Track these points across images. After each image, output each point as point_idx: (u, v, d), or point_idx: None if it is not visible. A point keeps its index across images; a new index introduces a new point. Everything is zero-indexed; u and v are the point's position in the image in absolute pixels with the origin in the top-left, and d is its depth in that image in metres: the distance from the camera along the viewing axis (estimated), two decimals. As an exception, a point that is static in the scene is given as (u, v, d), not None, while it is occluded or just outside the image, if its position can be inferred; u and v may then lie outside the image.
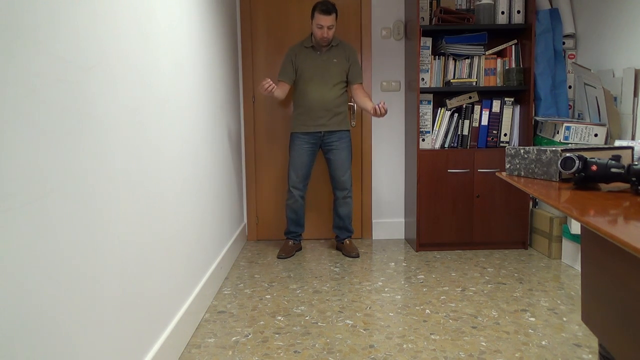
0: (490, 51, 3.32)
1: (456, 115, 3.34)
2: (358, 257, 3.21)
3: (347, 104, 3.21)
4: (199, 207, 2.31)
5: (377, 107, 2.83)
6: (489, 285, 2.63)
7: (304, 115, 3.12)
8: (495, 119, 3.32)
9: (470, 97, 3.38)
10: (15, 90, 0.94)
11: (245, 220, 3.71)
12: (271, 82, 2.82)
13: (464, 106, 3.33)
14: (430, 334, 2.05)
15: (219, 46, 2.88)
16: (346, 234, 3.31)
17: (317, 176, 3.65)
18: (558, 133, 2.94)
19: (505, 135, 3.33)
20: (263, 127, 3.63)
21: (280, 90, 3.08)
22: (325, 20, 2.92)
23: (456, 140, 3.37)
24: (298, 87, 3.14)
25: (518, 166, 1.52)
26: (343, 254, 3.28)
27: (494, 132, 3.33)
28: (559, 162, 1.30)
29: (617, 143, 1.61)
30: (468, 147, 3.33)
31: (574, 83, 3.24)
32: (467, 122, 3.33)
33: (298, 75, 3.11)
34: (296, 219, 3.27)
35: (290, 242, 3.31)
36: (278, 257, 3.21)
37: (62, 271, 1.09)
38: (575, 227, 2.89)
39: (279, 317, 2.25)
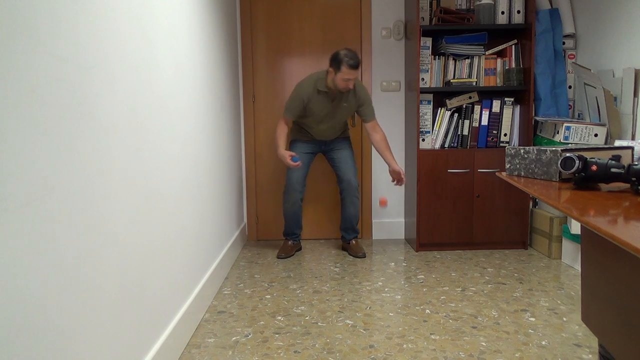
0: (490, 51, 3.32)
1: (456, 115, 3.34)
2: (364, 257, 3.21)
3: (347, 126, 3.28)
4: (199, 207, 2.31)
5: (396, 178, 3.03)
6: (489, 285, 2.63)
7: (306, 137, 3.20)
8: (495, 119, 3.32)
9: (470, 97, 3.38)
10: (15, 90, 0.94)
11: (245, 220, 3.71)
12: (297, 162, 2.95)
13: (464, 106, 3.33)
14: (430, 334, 2.05)
15: (219, 46, 2.88)
16: (353, 235, 3.31)
17: (317, 176, 3.65)
18: (558, 133, 2.94)
19: (505, 135, 3.33)
20: (263, 127, 3.63)
21: (286, 127, 3.07)
22: (353, 74, 2.84)
23: (456, 140, 3.37)
24: (304, 120, 3.11)
25: (518, 166, 1.52)
26: (349, 254, 3.28)
27: (494, 132, 3.33)
28: (559, 162, 1.30)
29: (617, 143, 1.61)
30: (468, 147, 3.33)
31: (574, 83, 3.24)
32: (467, 122, 3.33)
33: (307, 113, 3.05)
34: (294, 220, 3.27)
35: (290, 242, 3.31)
36: (278, 257, 3.21)
37: (61, 271, 1.09)
38: (575, 227, 2.89)
39: (279, 317, 2.25)
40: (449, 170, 3.25)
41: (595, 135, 2.83)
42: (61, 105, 1.10)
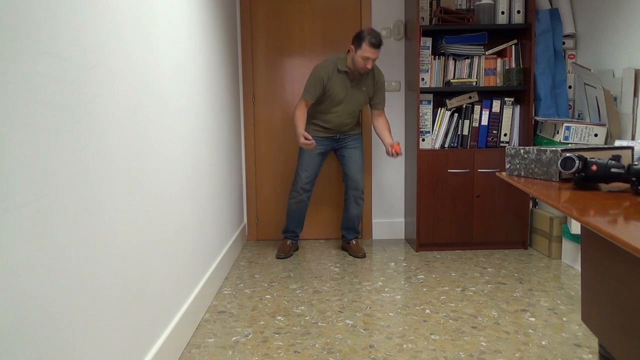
0: (490, 51, 3.32)
1: (456, 115, 3.34)
2: (365, 257, 3.21)
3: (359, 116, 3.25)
4: (199, 207, 2.31)
5: (391, 152, 2.93)
6: (489, 285, 2.63)
7: (320, 128, 3.14)
8: (495, 119, 3.32)
9: (470, 97, 3.38)
10: (15, 90, 0.94)
11: (245, 220, 3.71)
12: (310, 141, 2.87)
13: (464, 106, 3.33)
14: (430, 334, 2.05)
15: (219, 46, 2.88)
16: (353, 235, 3.31)
17: (319, 176, 3.64)
18: (558, 133, 2.94)
19: (505, 135, 3.33)
20: (263, 126, 3.63)
21: (305, 109, 3.02)
22: (375, 53, 2.82)
23: (456, 140, 3.37)
24: (322, 105, 3.06)
25: (518, 166, 1.52)
26: (349, 253, 3.28)
27: (494, 132, 3.33)
28: (559, 162, 1.30)
29: (617, 143, 1.61)
30: (468, 147, 3.33)
31: (574, 83, 3.24)
32: (467, 122, 3.33)
33: (325, 95, 3.02)
34: (297, 218, 3.26)
35: (288, 242, 3.31)
36: (277, 257, 3.21)
37: (62, 271, 1.09)
38: (575, 227, 2.89)
39: (279, 317, 2.25)
40: (449, 170, 3.25)
41: (595, 135, 2.83)
42: (61, 105, 1.10)
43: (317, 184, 3.66)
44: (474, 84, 3.26)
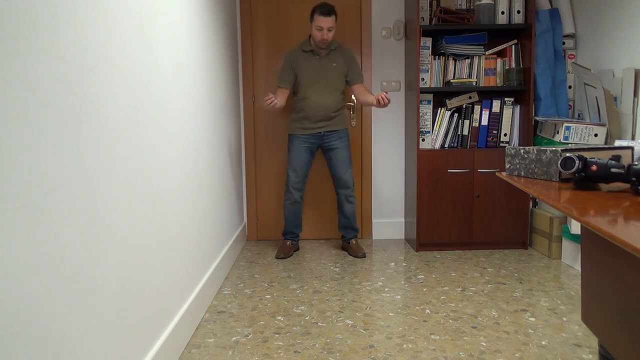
0: (490, 51, 3.32)
1: (456, 115, 3.34)
2: (365, 257, 3.21)
3: (344, 105, 3.21)
4: (199, 207, 2.31)
5: (379, 98, 2.84)
6: (489, 285, 2.63)
7: (303, 119, 3.12)
8: (495, 119, 3.32)
9: (470, 97, 3.38)
10: (15, 90, 0.94)
11: (245, 220, 3.71)
12: (273, 97, 2.84)
13: (464, 106, 3.33)
14: (430, 334, 2.05)
15: (219, 46, 2.88)
16: (352, 234, 3.31)
17: (317, 176, 3.65)
18: (558, 133, 2.94)
19: (505, 135, 3.33)
20: (263, 127, 3.63)
21: (282, 98, 3.09)
22: (325, 21, 2.91)
23: (456, 140, 3.37)
24: (297, 91, 3.13)
25: (518, 166, 1.52)
26: (349, 253, 3.28)
27: (494, 132, 3.33)
28: (559, 162, 1.30)
29: (617, 143, 1.61)
30: (468, 147, 3.33)
31: (574, 83, 3.24)
32: (467, 122, 3.33)
33: (297, 80, 3.09)
34: (295, 219, 3.27)
35: (288, 243, 3.31)
36: (276, 258, 3.21)
37: (62, 271, 1.09)
38: (575, 227, 2.89)
39: (279, 317, 2.25)
40: (449, 170, 3.25)
41: (595, 135, 2.83)
42: (61, 105, 1.10)
43: (316, 184, 3.66)
44: (474, 84, 3.26)
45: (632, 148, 1.43)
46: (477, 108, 3.33)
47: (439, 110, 3.37)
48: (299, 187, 3.19)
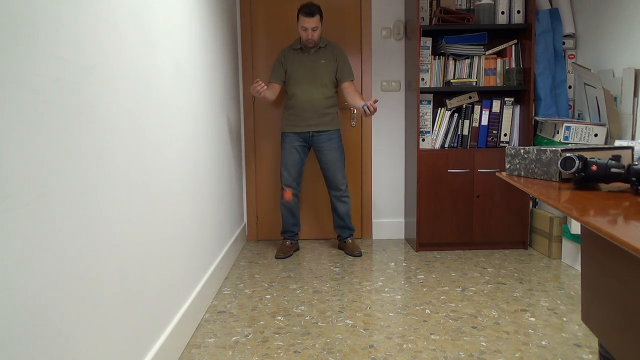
0: (490, 51, 3.32)
1: (456, 115, 3.34)
2: (360, 255, 3.22)
3: (336, 104, 3.22)
4: (199, 207, 2.31)
5: (365, 109, 2.81)
6: (489, 285, 2.63)
7: (294, 116, 3.15)
8: (495, 119, 3.32)
9: (470, 97, 3.38)
10: (15, 90, 0.94)
11: (245, 220, 3.71)
12: (262, 82, 2.85)
13: (464, 106, 3.33)
14: (430, 334, 2.05)
15: (219, 46, 2.88)
16: (348, 233, 3.32)
17: (315, 176, 3.65)
18: (558, 133, 2.94)
19: (505, 135, 3.33)
20: (263, 127, 3.63)
21: (271, 92, 3.14)
22: (309, 22, 2.96)
23: (456, 140, 3.37)
24: (288, 88, 3.18)
25: (518, 166, 1.52)
26: (345, 253, 3.28)
27: (494, 132, 3.33)
28: (559, 162, 1.30)
29: (617, 143, 1.61)
30: (468, 147, 3.33)
31: (574, 83, 3.24)
32: (467, 122, 3.33)
33: (287, 76, 3.15)
34: (292, 217, 3.28)
35: (288, 242, 3.31)
36: (276, 258, 3.21)
37: (62, 271, 1.09)
38: (575, 227, 2.89)
39: (279, 317, 2.25)
40: (449, 170, 3.25)
41: (595, 135, 2.83)
42: (61, 105, 1.10)
43: (315, 184, 3.66)
44: (474, 84, 3.26)
45: (632, 148, 1.43)
46: (477, 108, 3.33)
47: (439, 110, 3.37)
48: (293, 185, 3.20)
